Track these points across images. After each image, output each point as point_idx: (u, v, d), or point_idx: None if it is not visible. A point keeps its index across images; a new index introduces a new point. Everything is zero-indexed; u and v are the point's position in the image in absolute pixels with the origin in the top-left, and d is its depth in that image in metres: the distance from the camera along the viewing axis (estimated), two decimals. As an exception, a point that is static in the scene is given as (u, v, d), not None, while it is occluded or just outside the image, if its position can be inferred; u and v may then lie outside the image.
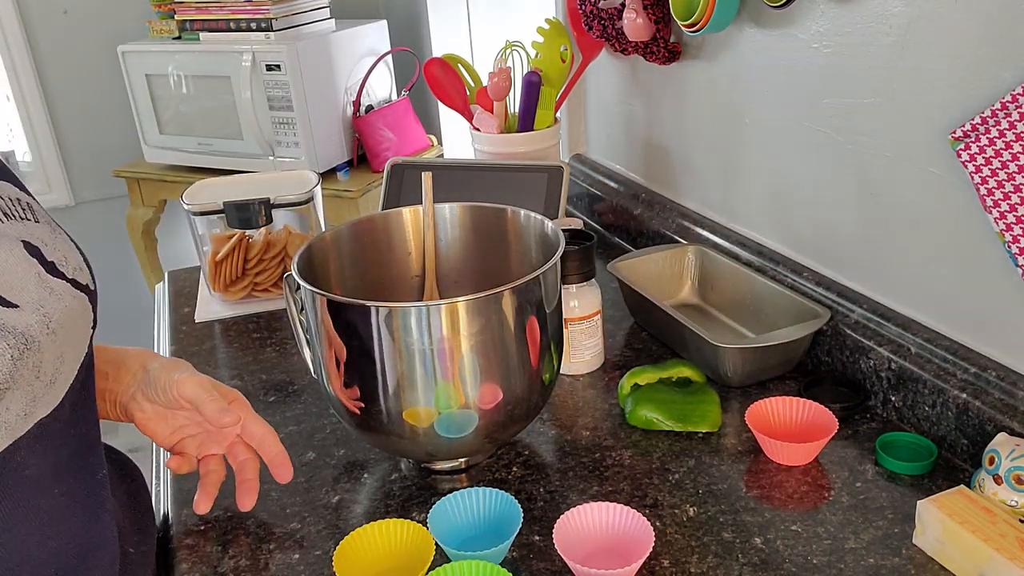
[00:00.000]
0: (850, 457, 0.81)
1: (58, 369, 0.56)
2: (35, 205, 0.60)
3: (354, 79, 2.30)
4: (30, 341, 0.53)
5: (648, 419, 0.86)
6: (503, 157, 1.28)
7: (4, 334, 0.51)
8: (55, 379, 0.56)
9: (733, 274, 1.07)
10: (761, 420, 0.83)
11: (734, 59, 1.06)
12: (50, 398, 0.55)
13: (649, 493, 0.78)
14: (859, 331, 0.90)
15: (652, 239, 1.27)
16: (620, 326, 1.10)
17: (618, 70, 1.35)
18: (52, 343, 0.55)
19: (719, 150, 1.14)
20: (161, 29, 2.38)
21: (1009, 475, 0.69)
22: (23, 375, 0.52)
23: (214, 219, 1.19)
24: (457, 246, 0.91)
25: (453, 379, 0.72)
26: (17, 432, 0.53)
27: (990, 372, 0.77)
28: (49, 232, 0.60)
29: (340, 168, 2.29)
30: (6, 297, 0.53)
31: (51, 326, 0.55)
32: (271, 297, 1.22)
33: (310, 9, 2.26)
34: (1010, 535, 0.64)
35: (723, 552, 0.70)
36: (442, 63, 1.35)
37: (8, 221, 0.56)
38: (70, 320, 0.57)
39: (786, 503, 0.75)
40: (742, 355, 0.91)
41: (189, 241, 1.24)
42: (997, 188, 0.73)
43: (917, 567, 0.67)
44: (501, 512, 0.73)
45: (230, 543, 0.75)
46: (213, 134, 2.29)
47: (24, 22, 2.47)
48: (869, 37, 0.85)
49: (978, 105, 0.74)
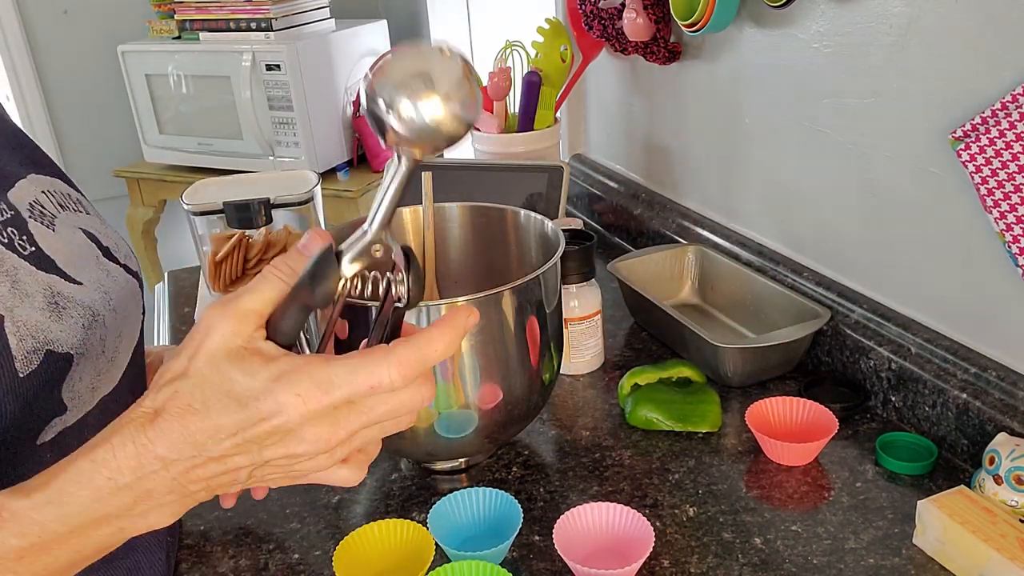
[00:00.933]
0: (850, 457, 0.81)
1: (117, 348, 0.60)
2: (84, 201, 0.66)
3: (354, 79, 2.30)
4: (96, 314, 0.57)
5: (648, 419, 0.86)
6: (503, 157, 1.28)
7: (75, 305, 0.56)
8: (115, 357, 0.60)
9: (733, 274, 1.07)
10: (761, 420, 0.83)
11: (734, 59, 1.06)
12: (111, 375, 0.60)
13: (649, 493, 0.78)
14: (859, 331, 0.90)
15: (652, 239, 1.27)
16: (620, 326, 1.10)
17: (618, 70, 1.34)
18: (113, 320, 0.59)
19: (719, 150, 1.14)
20: (161, 29, 2.38)
21: (1009, 475, 0.69)
22: (92, 345, 0.56)
23: (214, 219, 1.19)
24: (457, 246, 0.91)
25: (453, 379, 0.72)
26: (86, 406, 0.56)
27: (990, 372, 0.77)
28: (99, 223, 0.65)
29: (340, 168, 2.29)
30: (72, 275, 0.57)
31: (111, 304, 0.60)
32: (271, 297, 1.22)
33: (310, 9, 2.26)
34: (1010, 535, 0.64)
35: (723, 552, 0.70)
36: (442, 63, 1.34)
37: (64, 211, 0.61)
38: (125, 301, 0.62)
39: (786, 503, 0.75)
40: (742, 355, 0.91)
41: (189, 241, 1.24)
42: (997, 188, 0.73)
43: (917, 567, 0.67)
44: (501, 512, 0.73)
45: (230, 543, 0.75)
46: (213, 134, 2.29)
47: (24, 22, 2.47)
48: (869, 37, 0.85)
49: (978, 105, 0.74)
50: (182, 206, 1.19)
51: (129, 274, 0.65)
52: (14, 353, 0.51)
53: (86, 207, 0.65)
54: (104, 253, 0.63)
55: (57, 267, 0.57)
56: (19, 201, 0.58)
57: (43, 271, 0.56)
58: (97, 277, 0.60)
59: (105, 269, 0.62)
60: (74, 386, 0.55)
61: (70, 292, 0.56)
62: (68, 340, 0.54)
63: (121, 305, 0.62)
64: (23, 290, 0.53)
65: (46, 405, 0.53)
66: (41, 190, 0.61)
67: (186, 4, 2.26)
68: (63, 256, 0.58)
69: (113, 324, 0.60)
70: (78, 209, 0.64)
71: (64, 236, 0.59)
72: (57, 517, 0.44)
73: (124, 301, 0.62)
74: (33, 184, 0.61)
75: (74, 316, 0.56)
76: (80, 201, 0.65)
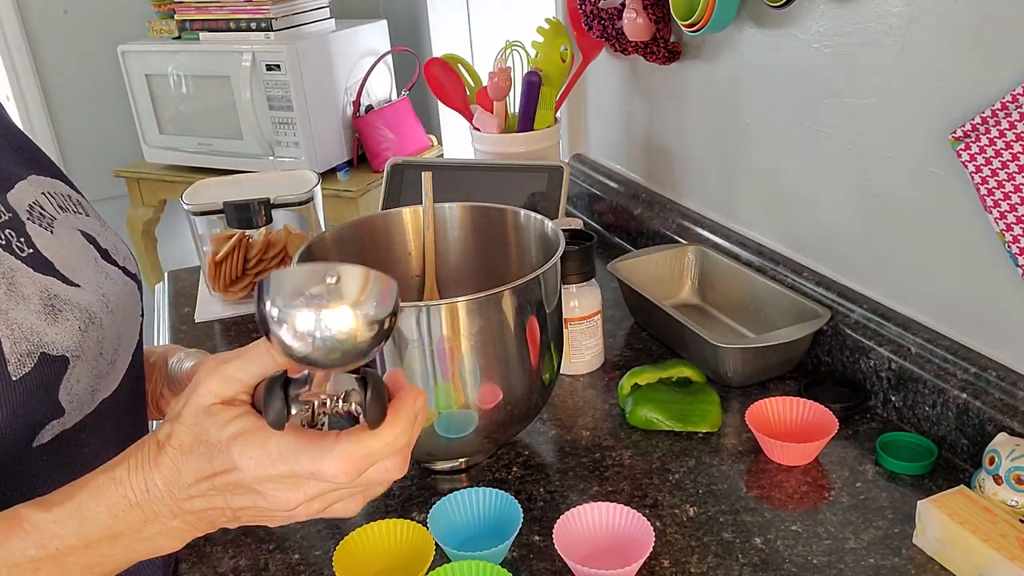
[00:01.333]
0: (850, 457, 0.81)
1: (116, 350, 0.61)
2: (84, 203, 0.66)
3: (354, 79, 2.30)
4: (93, 316, 0.58)
5: (648, 419, 0.86)
6: (503, 157, 1.28)
7: (72, 308, 0.56)
8: (115, 360, 0.61)
9: (733, 274, 1.07)
10: (761, 420, 0.83)
11: (734, 59, 1.06)
12: (111, 379, 0.60)
13: (649, 493, 0.78)
14: (859, 331, 0.90)
15: (652, 239, 1.27)
16: (620, 326, 1.10)
17: (618, 70, 1.34)
18: (112, 322, 0.60)
19: (719, 150, 1.14)
20: (161, 29, 2.38)
21: (1009, 475, 0.69)
22: (89, 348, 0.57)
23: (214, 219, 1.19)
24: (457, 246, 0.91)
25: (453, 379, 0.72)
26: (86, 408, 0.57)
27: (990, 372, 0.77)
28: (99, 225, 0.65)
29: (340, 168, 2.29)
30: (69, 277, 0.58)
31: (109, 306, 0.60)
32: (271, 297, 1.22)
33: (310, 9, 2.26)
34: (1010, 535, 0.64)
35: (723, 552, 0.70)
36: (442, 63, 1.34)
37: (64, 213, 0.62)
38: (124, 304, 0.63)
39: (786, 503, 0.75)
40: (742, 355, 0.91)
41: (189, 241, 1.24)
42: (997, 188, 0.73)
43: (917, 567, 0.67)
44: (501, 512, 0.73)
45: (230, 543, 0.75)
46: (213, 134, 2.29)
47: (24, 22, 2.46)
48: (869, 37, 0.85)
49: (978, 105, 0.74)
50: (182, 206, 1.19)
51: (128, 276, 0.65)
52: (7, 356, 0.51)
53: (86, 208, 0.65)
54: (103, 255, 0.63)
55: (55, 269, 0.57)
56: (18, 203, 0.58)
57: (41, 273, 0.56)
58: (95, 280, 0.60)
59: (104, 272, 0.62)
60: (72, 389, 0.55)
61: (67, 294, 0.57)
62: (63, 343, 0.55)
63: (119, 307, 0.62)
64: (19, 292, 0.53)
65: (42, 408, 0.54)
66: (41, 191, 0.61)
67: (186, 4, 2.26)
68: (61, 258, 0.58)
69: (111, 326, 0.60)
70: (78, 211, 0.64)
71: (62, 238, 0.59)
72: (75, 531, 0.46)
73: (122, 303, 0.62)
74: (33, 185, 0.61)
75: (70, 319, 0.56)
76: (80, 203, 0.65)
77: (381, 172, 2.23)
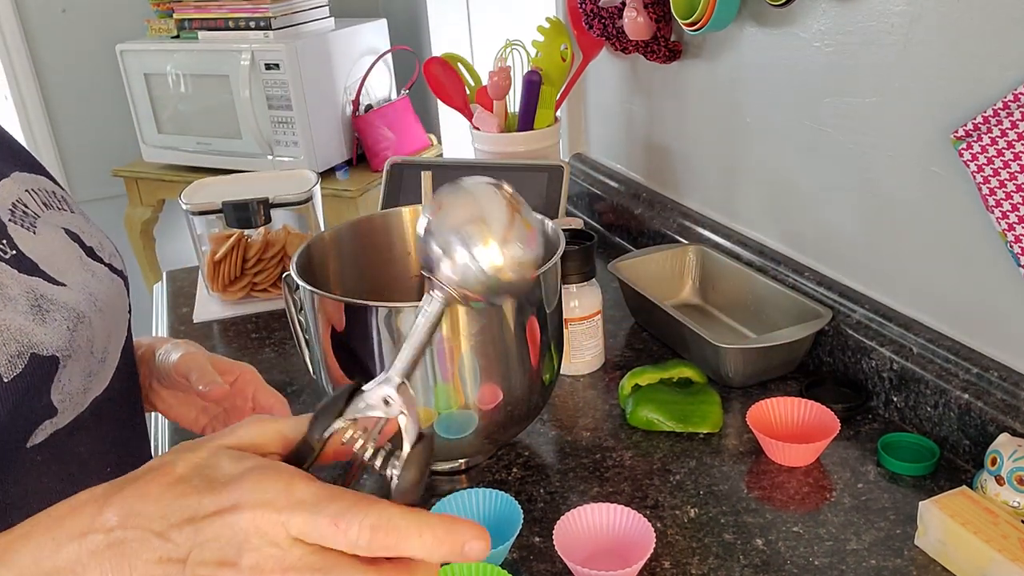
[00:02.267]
0: (852, 458, 0.81)
1: (106, 348, 0.60)
2: (68, 198, 0.65)
3: (353, 78, 2.30)
4: (81, 315, 0.57)
5: (649, 420, 0.86)
6: (503, 156, 1.28)
7: (59, 307, 0.56)
8: (105, 357, 0.60)
9: (734, 274, 1.07)
10: (762, 421, 0.83)
11: (735, 58, 1.06)
12: (103, 376, 0.60)
13: (650, 494, 0.77)
14: (861, 331, 0.90)
15: (653, 239, 1.27)
16: (621, 326, 1.09)
17: (618, 69, 1.34)
18: (101, 320, 0.59)
19: (720, 149, 1.14)
20: (159, 28, 2.37)
21: (1011, 476, 0.69)
22: (79, 347, 0.56)
23: (213, 219, 1.19)
24: (457, 246, 0.91)
25: (453, 379, 0.72)
26: (79, 407, 0.57)
27: (992, 373, 0.77)
28: (83, 221, 0.64)
29: (339, 168, 2.29)
30: (55, 277, 0.57)
31: (97, 304, 0.60)
32: (270, 297, 1.22)
33: (309, 8, 2.25)
34: (1012, 536, 0.63)
35: (724, 553, 0.70)
36: (442, 62, 1.34)
37: (48, 210, 0.61)
38: (112, 301, 0.62)
39: (787, 504, 0.75)
40: (743, 355, 0.90)
41: (188, 241, 1.24)
42: (999, 187, 0.72)
43: (919, 568, 0.67)
44: (501, 513, 0.72)
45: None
46: (212, 133, 2.29)
47: (22, 21, 2.46)
48: (871, 36, 0.84)
49: (980, 104, 0.74)
50: (181, 206, 1.19)
51: (114, 273, 0.64)
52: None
53: (70, 205, 0.65)
54: (88, 253, 0.62)
55: (40, 269, 0.57)
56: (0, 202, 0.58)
57: (25, 274, 0.55)
58: (82, 278, 0.60)
59: (90, 270, 0.61)
60: (63, 388, 0.55)
61: (53, 294, 0.56)
62: (53, 342, 0.54)
63: (107, 305, 0.61)
64: (5, 294, 0.53)
65: (35, 408, 0.53)
66: (25, 188, 0.60)
67: (185, 3, 2.25)
68: (45, 258, 0.58)
69: (100, 324, 0.59)
70: (62, 207, 0.63)
71: (46, 237, 0.59)
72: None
73: (110, 301, 0.62)
74: (16, 183, 0.60)
75: (58, 318, 0.55)
76: (64, 199, 0.64)
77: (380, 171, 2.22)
